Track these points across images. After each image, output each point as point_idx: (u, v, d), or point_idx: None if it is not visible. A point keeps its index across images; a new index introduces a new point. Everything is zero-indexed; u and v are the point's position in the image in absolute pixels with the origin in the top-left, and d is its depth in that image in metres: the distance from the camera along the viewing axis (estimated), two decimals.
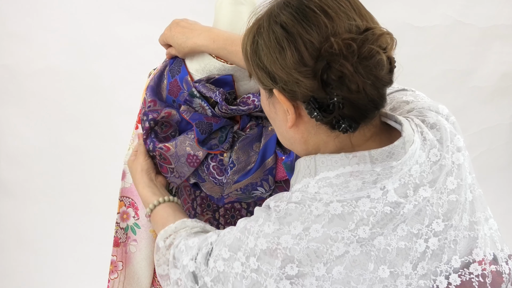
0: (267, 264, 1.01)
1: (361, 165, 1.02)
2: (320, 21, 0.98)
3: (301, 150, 1.10)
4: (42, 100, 2.84)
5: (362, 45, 0.96)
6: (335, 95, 0.96)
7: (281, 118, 1.08)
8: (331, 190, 1.02)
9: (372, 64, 0.96)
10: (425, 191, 1.03)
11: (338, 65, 0.95)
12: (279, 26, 1.00)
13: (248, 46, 1.06)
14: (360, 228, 0.99)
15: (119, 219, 1.58)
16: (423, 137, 1.07)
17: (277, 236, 1.01)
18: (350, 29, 0.98)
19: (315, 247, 0.99)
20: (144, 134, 1.45)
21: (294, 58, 0.98)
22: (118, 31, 2.79)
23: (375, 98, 0.99)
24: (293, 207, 1.02)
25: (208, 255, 1.11)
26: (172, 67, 1.47)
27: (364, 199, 1.01)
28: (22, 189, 2.93)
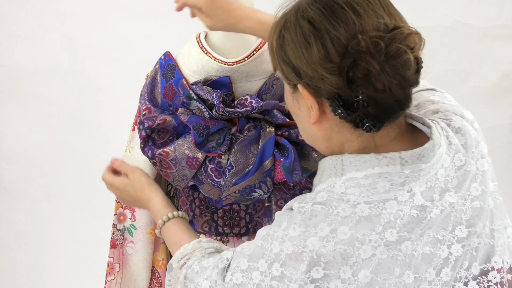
0: (292, 269, 0.99)
1: (390, 167, 1.00)
2: (348, 18, 0.97)
3: (323, 147, 1.08)
4: (42, 100, 2.84)
5: (390, 43, 0.95)
6: (360, 93, 0.95)
7: (305, 114, 1.07)
8: (358, 191, 1.00)
9: (399, 64, 0.95)
10: (450, 196, 1.02)
11: (364, 63, 0.94)
12: (307, 21, 0.99)
13: (274, 40, 1.05)
14: (388, 231, 0.98)
15: (116, 220, 1.58)
16: (448, 141, 1.06)
17: (304, 239, 0.99)
18: (378, 27, 0.97)
19: (342, 250, 0.97)
20: (142, 143, 1.44)
21: (320, 54, 0.97)
22: (118, 31, 2.79)
23: (401, 98, 0.98)
24: (319, 208, 1.01)
25: (225, 271, 1.09)
26: (165, 72, 1.47)
27: (391, 201, 0.99)
28: (22, 189, 2.93)
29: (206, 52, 1.43)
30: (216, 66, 1.42)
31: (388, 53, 0.95)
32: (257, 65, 1.44)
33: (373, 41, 0.94)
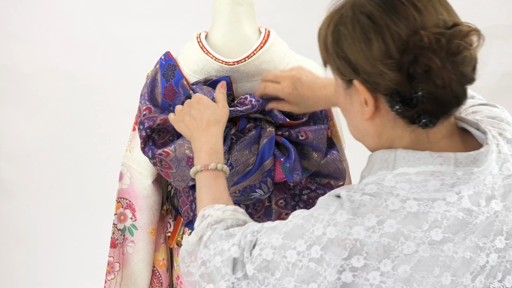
0: (332, 253, 0.98)
1: (444, 166, 1.00)
2: (409, 14, 0.97)
3: (372, 143, 1.08)
4: (42, 100, 2.84)
5: (451, 40, 0.95)
6: (420, 89, 0.95)
7: (357, 110, 1.06)
8: (408, 187, 1.00)
9: (459, 60, 0.95)
10: (496, 204, 1.02)
11: (425, 59, 0.94)
12: (365, 16, 0.99)
13: (329, 34, 1.03)
14: (433, 230, 0.98)
15: (116, 220, 1.58)
16: (498, 149, 1.06)
17: (349, 226, 0.99)
18: (437, 23, 0.97)
19: (386, 242, 0.97)
20: (142, 143, 1.44)
21: (380, 50, 0.97)
22: (118, 31, 2.79)
23: (459, 94, 0.97)
24: (368, 199, 1.00)
25: (253, 244, 1.07)
26: (166, 72, 1.47)
27: (440, 201, 0.99)
28: (22, 189, 2.94)
29: (207, 52, 1.43)
30: (216, 66, 1.42)
31: (449, 50, 0.95)
32: (257, 65, 1.44)
33: (435, 37, 0.94)
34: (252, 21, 1.47)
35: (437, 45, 0.94)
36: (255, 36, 1.47)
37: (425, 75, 0.95)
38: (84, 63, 2.81)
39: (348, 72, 1.02)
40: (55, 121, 2.87)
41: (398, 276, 0.98)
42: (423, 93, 0.95)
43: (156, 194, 1.57)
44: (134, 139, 1.55)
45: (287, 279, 1.01)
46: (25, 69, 2.81)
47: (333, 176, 1.51)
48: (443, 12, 0.99)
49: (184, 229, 1.57)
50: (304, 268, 1.00)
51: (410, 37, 0.96)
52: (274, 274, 1.02)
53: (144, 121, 1.43)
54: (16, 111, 2.85)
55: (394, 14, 0.97)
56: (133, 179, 1.55)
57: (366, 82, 1.00)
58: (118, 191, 1.57)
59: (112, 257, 1.58)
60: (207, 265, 1.11)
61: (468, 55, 0.96)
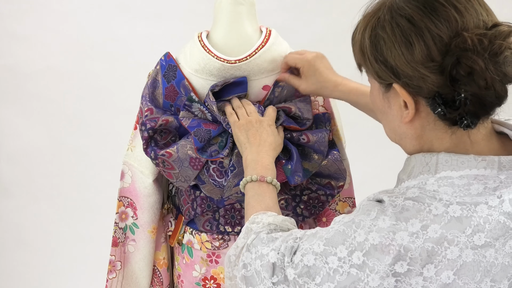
0: (376, 259, 0.97)
1: (487, 170, 0.99)
2: (450, 15, 0.96)
3: (410, 145, 1.07)
4: (42, 100, 2.84)
5: (492, 41, 0.94)
6: (463, 91, 0.94)
7: (396, 113, 1.05)
8: (451, 191, 0.99)
9: (501, 60, 0.94)
10: None
11: (469, 61, 0.93)
12: (405, 19, 0.98)
13: (367, 38, 1.02)
14: (476, 235, 0.97)
15: (118, 219, 1.58)
16: None
17: (393, 232, 0.97)
18: (478, 24, 0.96)
19: (429, 247, 0.96)
20: (144, 144, 1.44)
21: (422, 53, 0.96)
22: (118, 31, 2.79)
23: (502, 94, 0.97)
24: (411, 204, 0.99)
25: (294, 250, 1.06)
26: (167, 72, 1.47)
27: (482, 205, 0.98)
28: (22, 189, 2.93)
29: (208, 51, 1.43)
30: (218, 64, 1.42)
31: (491, 51, 0.94)
32: (259, 64, 1.44)
33: (478, 39, 0.94)
34: (253, 21, 1.47)
35: (480, 47, 0.94)
36: (256, 35, 1.47)
37: (468, 77, 0.94)
38: (84, 63, 2.81)
39: (387, 76, 1.02)
40: (55, 121, 2.87)
41: (441, 282, 0.97)
42: (466, 95, 0.94)
43: (157, 193, 1.57)
44: (135, 138, 1.55)
45: (326, 284, 1.01)
46: (25, 69, 2.81)
47: (333, 176, 1.51)
48: (483, 13, 0.98)
49: (185, 228, 1.57)
50: (345, 274, 0.99)
51: (451, 39, 0.95)
52: (315, 279, 1.02)
53: (146, 122, 1.43)
54: (16, 111, 2.85)
55: (435, 16, 0.97)
56: (135, 177, 1.55)
57: (408, 86, 0.99)
58: (119, 190, 1.57)
59: (114, 255, 1.58)
60: (248, 268, 1.11)
61: (509, 54, 0.95)
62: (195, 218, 1.55)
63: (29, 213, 2.95)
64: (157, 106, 1.47)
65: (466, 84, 0.94)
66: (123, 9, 2.77)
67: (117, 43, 2.80)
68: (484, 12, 0.99)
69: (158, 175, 1.56)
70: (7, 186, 2.93)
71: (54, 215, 2.95)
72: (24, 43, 2.78)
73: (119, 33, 2.79)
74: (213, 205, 1.52)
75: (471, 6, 0.98)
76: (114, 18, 2.78)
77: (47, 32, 2.77)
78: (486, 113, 0.99)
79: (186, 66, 1.47)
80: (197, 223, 1.54)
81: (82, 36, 2.78)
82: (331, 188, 1.51)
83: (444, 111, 0.97)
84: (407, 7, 0.99)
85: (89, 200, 2.93)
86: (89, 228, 2.91)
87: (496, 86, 0.95)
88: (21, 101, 2.84)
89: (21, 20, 2.76)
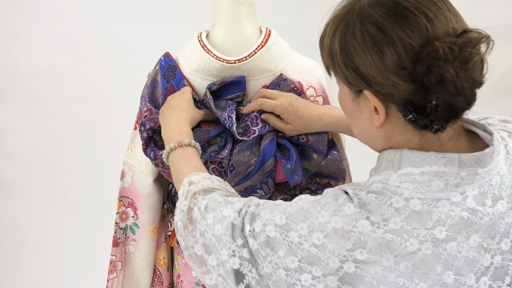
0: (335, 243, 0.99)
1: (448, 167, 1.00)
2: (420, 24, 0.97)
3: (380, 147, 1.09)
4: (42, 100, 2.84)
5: (462, 48, 0.95)
6: (434, 98, 0.95)
7: (366, 117, 1.06)
8: (412, 186, 1.01)
9: (471, 67, 0.96)
10: (502, 205, 1.03)
11: (439, 69, 0.94)
12: (375, 27, 0.98)
13: (336, 44, 1.03)
14: (437, 229, 0.99)
15: (118, 219, 1.58)
16: (506, 150, 1.07)
17: (355, 219, 1.00)
18: (448, 31, 0.97)
19: (389, 239, 0.98)
20: (144, 145, 1.44)
21: (393, 62, 0.97)
22: (118, 31, 2.79)
23: (471, 99, 0.98)
24: (373, 197, 1.01)
25: (255, 217, 1.07)
26: (166, 73, 1.47)
27: (444, 201, 1.00)
28: (22, 189, 2.93)
29: (208, 51, 1.43)
30: (217, 64, 1.42)
31: (462, 58, 0.95)
32: (258, 64, 1.44)
33: (449, 47, 0.95)
34: (252, 21, 1.47)
35: (451, 55, 0.94)
36: (256, 35, 1.47)
37: (439, 85, 0.95)
38: (84, 63, 2.81)
39: (358, 83, 1.02)
40: (55, 121, 2.87)
41: (400, 271, 0.98)
42: (437, 102, 0.95)
43: (157, 192, 1.57)
44: (135, 138, 1.55)
45: (290, 258, 1.02)
46: (25, 69, 2.81)
47: (333, 176, 1.51)
48: (453, 19, 0.99)
49: None
50: (305, 251, 1.01)
51: (422, 47, 0.96)
52: (277, 252, 1.03)
53: (145, 123, 1.44)
54: (16, 111, 2.85)
55: (406, 24, 0.97)
56: (135, 177, 1.55)
57: (379, 93, 1.00)
58: (119, 190, 1.58)
59: (115, 256, 1.58)
60: (205, 235, 1.12)
61: (478, 60, 0.96)
62: None
63: (29, 213, 2.95)
64: (157, 107, 1.47)
65: (437, 92, 0.95)
66: (123, 9, 2.77)
67: (117, 43, 2.80)
68: (454, 18, 0.99)
69: (158, 175, 1.56)
70: (7, 186, 2.93)
71: (54, 215, 2.95)
72: (24, 43, 2.78)
73: (119, 33, 2.79)
74: None
75: (441, 14, 0.98)
76: (114, 18, 2.78)
77: (47, 32, 2.77)
78: (456, 118, 1.00)
79: (185, 66, 1.47)
80: None
81: (82, 36, 2.78)
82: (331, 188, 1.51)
83: (416, 117, 0.98)
84: (376, 14, 0.99)
85: (89, 200, 2.93)
86: (89, 228, 2.91)
87: (466, 92, 0.96)
88: (21, 101, 2.84)
89: (21, 20, 2.76)
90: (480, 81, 0.98)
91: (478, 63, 0.97)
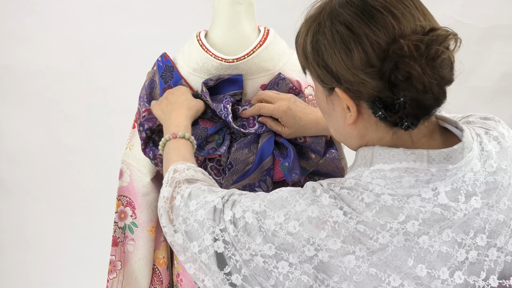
0: (310, 232, 1.02)
1: (417, 163, 1.02)
2: (387, 22, 0.98)
3: (355, 144, 1.10)
4: (42, 100, 2.84)
5: (429, 46, 0.96)
6: (402, 95, 0.97)
7: (339, 115, 1.08)
8: (383, 183, 1.02)
9: (438, 64, 0.96)
10: (476, 201, 1.03)
11: (406, 66, 0.95)
12: (344, 26, 1.00)
13: (308, 43, 1.05)
14: (410, 222, 1.00)
15: (117, 218, 1.58)
16: (481, 147, 1.07)
17: (331, 209, 1.02)
18: (415, 29, 0.99)
19: (362, 230, 1.00)
20: (142, 145, 1.45)
21: (361, 59, 0.99)
22: (118, 31, 2.79)
23: (439, 97, 0.99)
24: (345, 192, 1.04)
25: (236, 203, 1.10)
26: (164, 73, 1.48)
27: (415, 197, 1.01)
28: (22, 189, 2.93)
29: (206, 50, 1.44)
30: (216, 63, 1.43)
31: (428, 55, 0.96)
32: (256, 63, 1.44)
33: (414, 45, 0.96)
34: (251, 20, 1.48)
35: (417, 52, 0.96)
36: (254, 35, 1.47)
37: (406, 82, 0.96)
38: (84, 63, 2.81)
39: (329, 81, 1.04)
40: (55, 121, 2.87)
41: (372, 262, 1.00)
42: (405, 99, 0.97)
43: (155, 191, 1.57)
44: (133, 137, 1.55)
45: (268, 245, 1.04)
46: (25, 69, 2.81)
47: (331, 175, 1.51)
48: (420, 17, 1.00)
49: None
50: (281, 238, 1.03)
51: (389, 45, 0.97)
52: (255, 239, 1.05)
53: (143, 123, 1.44)
54: (16, 111, 2.85)
55: (373, 23, 0.99)
56: (133, 176, 1.56)
57: (349, 90, 1.02)
58: (118, 189, 1.58)
59: (114, 255, 1.58)
60: (187, 222, 1.14)
61: (446, 57, 0.97)
62: None
63: (29, 213, 2.95)
64: None
65: (405, 89, 0.96)
66: (123, 9, 2.77)
67: (117, 43, 2.80)
68: (422, 16, 1.00)
69: (157, 173, 1.56)
70: (7, 186, 2.93)
71: (54, 215, 2.95)
72: (24, 43, 2.78)
73: (119, 33, 2.79)
74: None
75: (408, 12, 1.00)
76: (114, 18, 2.78)
77: (47, 32, 2.77)
78: (426, 115, 1.01)
79: (184, 65, 1.47)
80: None
81: (82, 36, 2.78)
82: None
83: (385, 114, 1.00)
84: (346, 14, 1.01)
85: (89, 200, 2.93)
86: (89, 227, 2.91)
87: (433, 89, 0.97)
88: (21, 101, 2.84)
89: (21, 20, 2.76)
90: (449, 79, 0.99)
91: (446, 60, 0.97)
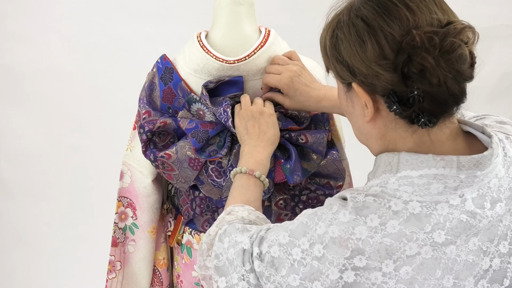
0: (334, 252, 0.99)
1: (446, 169, 1.00)
2: (401, 14, 0.98)
3: (376, 146, 1.09)
4: (42, 100, 2.84)
5: (444, 38, 0.95)
6: (416, 88, 0.95)
7: (359, 113, 1.07)
8: (411, 189, 1.00)
9: (454, 58, 0.95)
10: (500, 208, 1.02)
11: (419, 58, 0.94)
12: (360, 19, 1.00)
13: (328, 40, 1.05)
14: (436, 232, 0.98)
15: (117, 219, 1.58)
16: (504, 152, 1.06)
17: (352, 226, 0.99)
18: (431, 22, 0.98)
19: (388, 243, 0.98)
20: (143, 147, 1.44)
21: (374, 51, 0.98)
22: (118, 31, 2.79)
23: (456, 93, 0.97)
24: (371, 200, 1.01)
25: (263, 240, 1.08)
26: (163, 75, 1.47)
27: (443, 203, 1.00)
28: (22, 189, 2.93)
29: (207, 51, 1.43)
30: (216, 64, 1.42)
31: (442, 48, 0.95)
32: (257, 64, 1.44)
33: (428, 36, 0.95)
34: (252, 21, 1.47)
35: (430, 44, 0.95)
36: (255, 36, 1.47)
37: (419, 74, 0.95)
38: (84, 63, 2.81)
39: (347, 76, 1.04)
40: (56, 121, 2.87)
41: (400, 277, 0.98)
42: (418, 92, 0.96)
43: (156, 193, 1.57)
44: (134, 138, 1.55)
45: (292, 276, 1.03)
46: (25, 69, 2.81)
47: (332, 176, 1.51)
48: (437, 11, 0.99)
49: (185, 228, 1.57)
50: (308, 266, 1.01)
51: (403, 37, 0.97)
52: (280, 271, 1.04)
53: (144, 125, 1.44)
54: (16, 111, 2.85)
55: (387, 15, 0.98)
56: (134, 178, 1.56)
57: (363, 84, 1.01)
58: (119, 190, 1.58)
59: (114, 256, 1.58)
60: (220, 258, 1.13)
61: (463, 52, 0.96)
62: (194, 218, 1.55)
63: (29, 213, 2.95)
64: (155, 109, 1.48)
65: (418, 82, 0.95)
66: (123, 9, 2.77)
67: (117, 43, 2.80)
68: (440, 10, 1.00)
69: (158, 175, 1.56)
70: (7, 186, 2.93)
71: (54, 215, 2.95)
72: (24, 43, 2.78)
73: (119, 33, 2.79)
74: (212, 205, 1.52)
75: (425, 5, 0.99)
76: (114, 18, 2.78)
77: (47, 32, 2.77)
78: (444, 112, 1.00)
79: (185, 66, 1.47)
80: (196, 223, 1.55)
81: (82, 36, 2.78)
82: (330, 188, 1.51)
83: (399, 108, 0.98)
84: (363, 8, 1.01)
85: (89, 200, 2.93)
86: (89, 228, 2.91)
87: (448, 83, 0.95)
88: (21, 101, 2.84)
89: (21, 20, 2.76)
90: (468, 75, 0.98)
91: (464, 55, 0.96)
